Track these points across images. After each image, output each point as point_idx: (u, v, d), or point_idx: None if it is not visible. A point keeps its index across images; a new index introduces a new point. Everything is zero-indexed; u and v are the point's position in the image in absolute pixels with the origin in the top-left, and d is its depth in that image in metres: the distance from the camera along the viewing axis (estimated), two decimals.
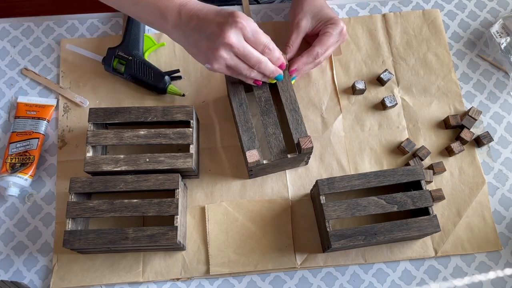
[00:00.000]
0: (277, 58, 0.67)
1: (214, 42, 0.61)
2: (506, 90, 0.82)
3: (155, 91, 0.78)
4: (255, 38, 0.63)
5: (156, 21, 0.66)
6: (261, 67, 0.65)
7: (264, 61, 0.65)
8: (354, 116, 0.79)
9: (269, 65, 0.66)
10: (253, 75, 0.66)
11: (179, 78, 0.80)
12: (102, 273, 0.70)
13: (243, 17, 0.62)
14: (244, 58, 0.63)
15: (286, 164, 0.72)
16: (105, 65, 0.78)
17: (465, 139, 0.76)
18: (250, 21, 0.62)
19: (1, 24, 0.85)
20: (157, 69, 0.78)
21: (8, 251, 0.72)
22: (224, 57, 0.62)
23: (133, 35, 0.79)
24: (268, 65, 0.66)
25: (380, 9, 0.87)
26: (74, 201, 0.66)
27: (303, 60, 0.73)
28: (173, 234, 0.64)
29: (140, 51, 0.79)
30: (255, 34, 0.63)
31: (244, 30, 0.61)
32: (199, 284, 0.70)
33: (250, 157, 0.67)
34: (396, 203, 0.66)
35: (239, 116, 0.70)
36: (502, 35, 0.83)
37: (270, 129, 0.69)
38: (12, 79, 0.81)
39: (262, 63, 0.65)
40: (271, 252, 0.71)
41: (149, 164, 0.69)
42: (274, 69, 0.67)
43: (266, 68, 0.66)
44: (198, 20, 0.62)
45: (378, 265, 0.71)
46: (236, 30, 0.61)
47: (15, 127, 0.76)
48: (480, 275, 0.71)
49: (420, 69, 0.82)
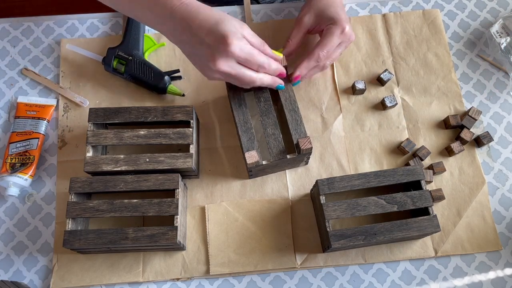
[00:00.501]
0: (274, 71, 0.66)
1: (207, 63, 0.61)
2: (506, 90, 0.82)
3: (155, 91, 0.78)
4: (249, 60, 0.62)
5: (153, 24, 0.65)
6: (256, 84, 0.65)
7: (259, 78, 0.64)
8: (354, 116, 0.79)
9: (265, 80, 0.65)
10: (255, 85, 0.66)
11: (179, 78, 0.80)
12: (102, 273, 0.70)
13: (235, 41, 0.59)
14: (238, 80, 0.63)
15: (285, 164, 0.72)
16: (105, 65, 0.78)
17: (465, 139, 0.76)
18: (242, 44, 0.60)
19: (1, 24, 0.85)
20: (157, 69, 0.78)
21: (8, 251, 0.72)
22: (217, 77, 0.63)
23: (133, 35, 0.79)
24: (264, 80, 0.65)
25: (380, 9, 0.87)
26: (74, 201, 0.66)
27: (305, 64, 0.71)
28: (173, 234, 0.64)
29: (140, 51, 0.79)
30: (249, 57, 0.61)
31: (235, 55, 0.60)
32: (199, 284, 0.70)
33: (249, 158, 0.67)
34: (396, 203, 0.66)
35: (238, 116, 0.70)
36: (502, 35, 0.83)
37: (269, 129, 0.69)
38: (12, 79, 0.81)
39: (257, 81, 0.64)
40: (271, 252, 0.71)
41: (149, 164, 0.69)
42: (272, 82, 0.66)
43: (262, 83, 0.65)
44: (191, 35, 0.60)
45: (378, 265, 0.71)
46: (227, 59, 0.60)
47: (15, 127, 0.76)
48: (480, 275, 0.71)
49: (420, 69, 0.82)
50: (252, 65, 0.63)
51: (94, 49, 0.82)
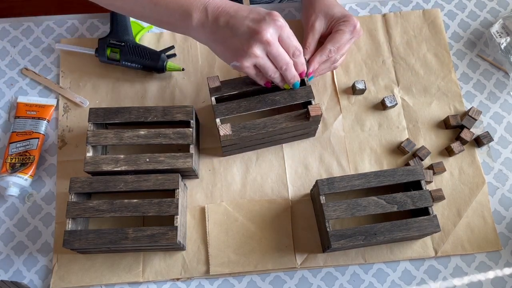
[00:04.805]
0: (302, 63, 0.66)
1: (248, 39, 0.60)
2: (506, 90, 0.82)
3: (154, 71, 0.79)
4: (289, 40, 0.63)
5: (177, 21, 0.64)
6: (286, 71, 0.65)
7: (290, 65, 0.65)
8: (354, 116, 0.79)
9: (293, 70, 0.66)
10: (276, 77, 0.66)
11: (174, 55, 0.81)
12: (102, 273, 0.70)
13: (281, 17, 0.61)
14: (274, 59, 0.63)
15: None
16: (99, 56, 0.78)
17: (465, 139, 0.76)
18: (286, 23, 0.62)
19: (1, 24, 0.85)
20: (151, 49, 0.78)
21: (8, 251, 0.72)
22: (256, 55, 0.61)
23: (120, 22, 0.79)
24: (292, 70, 0.65)
25: (380, 9, 0.87)
26: (74, 201, 0.66)
27: (317, 59, 0.73)
28: (173, 234, 0.64)
29: (130, 36, 0.79)
30: (290, 36, 0.63)
31: (281, 30, 0.61)
32: (199, 284, 0.70)
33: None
34: (396, 203, 0.66)
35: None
36: (502, 35, 0.83)
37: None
38: (12, 79, 0.81)
39: (288, 67, 0.64)
40: (271, 252, 0.71)
41: (149, 164, 0.69)
42: (295, 75, 0.67)
43: (290, 72, 0.65)
44: (229, 16, 0.61)
45: (378, 265, 0.71)
46: (275, 29, 0.61)
47: (15, 127, 0.76)
48: (480, 275, 0.71)
49: (420, 69, 0.82)
50: (290, 47, 0.64)
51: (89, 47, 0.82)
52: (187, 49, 0.83)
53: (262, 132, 0.68)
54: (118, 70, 0.81)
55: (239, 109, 0.69)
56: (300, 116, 0.69)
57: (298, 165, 0.76)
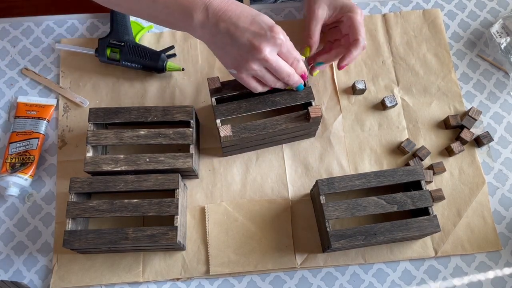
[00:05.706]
0: (301, 68, 0.66)
1: (247, 53, 0.60)
2: (506, 90, 0.82)
3: (154, 71, 0.79)
4: (289, 53, 0.63)
5: (177, 20, 0.63)
6: (289, 80, 0.65)
7: (292, 74, 0.64)
8: (354, 116, 0.79)
9: (296, 77, 0.65)
10: (278, 85, 0.66)
11: (174, 55, 0.81)
12: (102, 273, 0.70)
13: (282, 33, 0.60)
14: (275, 72, 0.63)
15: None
16: (99, 56, 0.78)
17: (465, 139, 0.76)
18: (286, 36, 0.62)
19: (1, 24, 0.85)
20: (151, 49, 0.78)
21: (8, 251, 0.72)
22: (254, 69, 0.61)
23: (120, 22, 0.79)
24: (295, 77, 0.65)
25: (380, 9, 0.87)
26: (74, 201, 0.66)
27: (354, 54, 0.71)
28: (173, 234, 0.64)
29: (130, 36, 0.79)
30: (290, 49, 0.63)
31: (281, 47, 0.61)
32: (199, 284, 0.70)
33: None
34: (396, 203, 0.66)
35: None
36: (502, 35, 0.83)
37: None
38: (12, 79, 0.81)
39: (290, 76, 0.64)
40: (271, 252, 0.71)
41: (149, 164, 0.69)
42: (298, 80, 0.66)
43: (292, 80, 0.65)
44: (230, 23, 0.59)
45: (378, 265, 0.71)
46: (274, 47, 0.60)
47: (15, 127, 0.76)
48: (480, 275, 0.71)
49: (420, 69, 0.82)
50: (290, 58, 0.64)
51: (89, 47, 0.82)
52: (187, 49, 0.83)
53: (262, 133, 0.68)
54: (118, 70, 0.81)
55: (239, 110, 0.69)
56: (300, 117, 0.69)
57: (298, 165, 0.76)
